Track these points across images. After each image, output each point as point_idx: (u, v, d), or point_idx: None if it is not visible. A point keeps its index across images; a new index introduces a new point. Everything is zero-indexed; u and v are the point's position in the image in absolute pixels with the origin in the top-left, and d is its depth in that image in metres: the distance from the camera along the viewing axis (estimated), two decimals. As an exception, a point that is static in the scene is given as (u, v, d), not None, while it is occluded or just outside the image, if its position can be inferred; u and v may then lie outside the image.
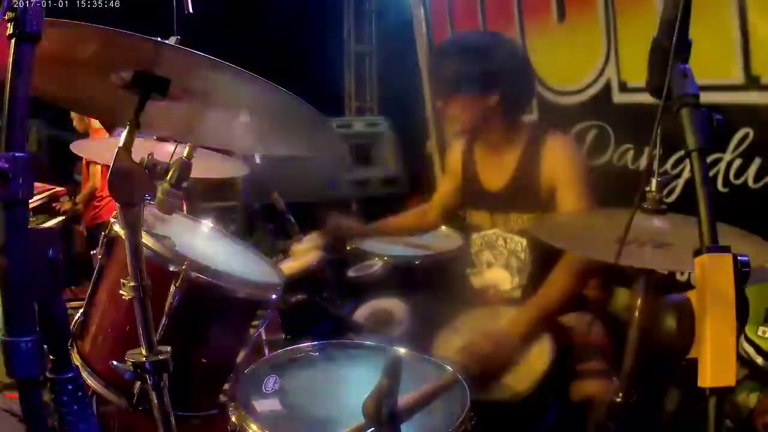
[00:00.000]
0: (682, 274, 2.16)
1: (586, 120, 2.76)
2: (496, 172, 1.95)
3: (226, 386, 1.42)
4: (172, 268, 1.28)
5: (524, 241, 1.90)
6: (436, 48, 2.04)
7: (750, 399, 1.55)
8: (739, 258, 0.83)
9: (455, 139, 2.15)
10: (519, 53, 1.96)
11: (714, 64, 2.12)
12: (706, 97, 0.92)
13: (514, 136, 1.91)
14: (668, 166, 2.30)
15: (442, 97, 1.91)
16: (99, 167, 4.14)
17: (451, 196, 2.18)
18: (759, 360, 1.63)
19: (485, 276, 2.05)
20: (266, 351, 1.88)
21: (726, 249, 0.83)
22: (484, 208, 1.99)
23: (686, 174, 2.26)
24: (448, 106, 1.88)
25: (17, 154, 0.72)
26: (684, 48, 0.93)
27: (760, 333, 1.66)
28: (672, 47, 0.91)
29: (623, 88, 2.61)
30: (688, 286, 2.12)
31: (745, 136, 2.08)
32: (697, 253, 0.84)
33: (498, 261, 1.99)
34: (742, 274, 0.82)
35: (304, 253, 2.35)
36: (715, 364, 0.80)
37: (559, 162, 1.81)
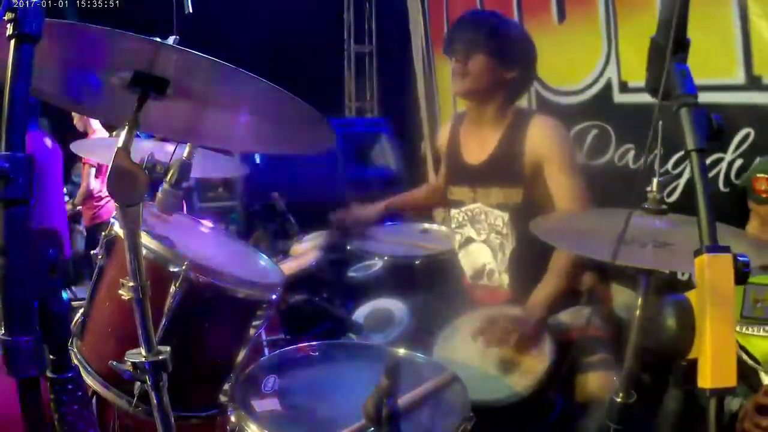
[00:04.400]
0: (683, 274, 2.15)
1: (587, 120, 2.75)
2: (479, 146, 2.00)
3: (226, 386, 1.42)
4: (172, 268, 1.27)
5: (505, 216, 1.93)
6: (460, 16, 2.11)
7: (732, 403, 1.52)
8: (738, 258, 0.83)
9: (444, 122, 2.21)
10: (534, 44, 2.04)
11: (715, 64, 2.12)
12: (707, 97, 0.92)
13: (502, 116, 1.96)
14: (669, 166, 2.30)
15: (462, 52, 1.89)
16: (92, 168, 4.15)
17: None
18: (744, 356, 1.63)
19: (469, 259, 2.07)
20: (266, 351, 1.88)
21: (726, 249, 0.83)
22: (466, 183, 2.03)
23: (687, 174, 2.26)
24: (467, 63, 1.88)
25: (17, 154, 0.72)
26: (682, 48, 0.93)
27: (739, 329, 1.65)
28: (668, 47, 0.91)
29: (624, 88, 2.61)
30: (689, 286, 2.12)
31: (746, 136, 2.08)
32: (697, 253, 0.84)
33: (480, 236, 2.02)
34: (742, 274, 0.82)
35: (304, 253, 2.36)
36: (715, 365, 0.79)
37: (545, 139, 1.86)
